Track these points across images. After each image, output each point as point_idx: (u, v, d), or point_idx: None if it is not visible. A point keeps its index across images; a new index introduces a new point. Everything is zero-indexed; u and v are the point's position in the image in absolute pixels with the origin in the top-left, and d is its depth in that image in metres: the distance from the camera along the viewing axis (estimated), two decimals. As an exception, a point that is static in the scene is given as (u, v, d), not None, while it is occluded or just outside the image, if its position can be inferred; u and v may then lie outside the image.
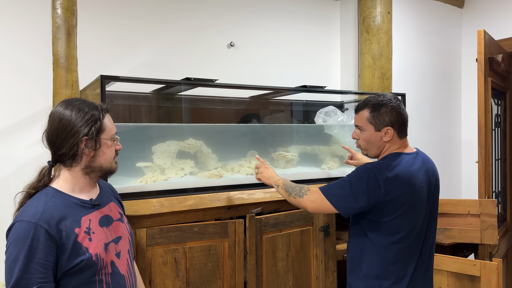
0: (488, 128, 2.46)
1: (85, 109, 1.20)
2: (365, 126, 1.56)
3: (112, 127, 1.27)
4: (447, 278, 2.04)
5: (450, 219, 2.20)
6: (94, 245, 1.17)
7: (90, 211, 1.22)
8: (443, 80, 3.37)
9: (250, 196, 1.90)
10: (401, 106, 1.55)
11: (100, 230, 1.22)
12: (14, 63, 2.00)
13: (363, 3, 2.88)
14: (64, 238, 1.12)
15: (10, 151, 1.98)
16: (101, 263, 1.18)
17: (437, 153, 3.33)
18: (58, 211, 1.14)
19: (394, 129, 1.52)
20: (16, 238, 1.09)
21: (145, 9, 2.38)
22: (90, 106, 1.22)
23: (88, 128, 1.18)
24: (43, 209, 1.13)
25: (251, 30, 2.74)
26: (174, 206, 1.70)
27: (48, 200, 1.16)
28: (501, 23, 3.18)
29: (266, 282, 1.88)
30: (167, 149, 1.97)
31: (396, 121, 1.52)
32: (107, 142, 1.24)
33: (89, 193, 1.25)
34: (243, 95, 2.61)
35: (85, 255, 1.14)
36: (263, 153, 2.28)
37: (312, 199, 1.54)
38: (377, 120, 1.53)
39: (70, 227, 1.14)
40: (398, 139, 1.55)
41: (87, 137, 1.18)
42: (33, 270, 1.07)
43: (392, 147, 1.55)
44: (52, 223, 1.11)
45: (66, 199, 1.19)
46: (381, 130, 1.53)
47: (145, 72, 2.32)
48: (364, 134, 1.57)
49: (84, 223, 1.18)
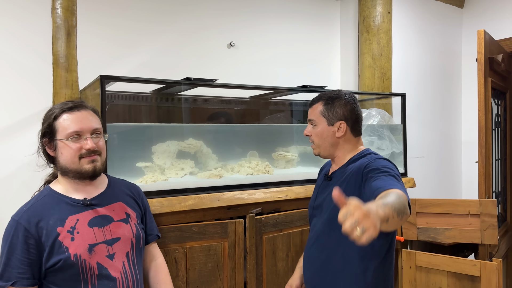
0: (488, 128, 2.46)
1: (49, 111, 1.24)
2: (318, 119, 1.48)
3: (71, 125, 1.21)
4: (447, 278, 2.04)
5: (450, 219, 2.20)
6: (75, 245, 1.17)
7: (80, 211, 1.22)
8: (443, 80, 3.37)
9: (250, 196, 1.90)
10: (356, 102, 1.48)
11: (87, 230, 1.20)
12: (14, 63, 2.00)
13: (363, 3, 2.88)
14: (44, 237, 1.15)
15: (10, 151, 1.97)
16: (82, 263, 1.17)
17: (437, 153, 3.33)
18: (44, 209, 1.18)
19: (348, 124, 1.45)
20: (4, 234, 1.17)
21: (145, 9, 2.38)
22: (56, 107, 1.24)
23: (42, 130, 1.23)
24: (28, 207, 1.18)
25: (251, 30, 2.74)
26: (174, 206, 1.70)
27: (39, 199, 1.20)
28: (501, 23, 3.18)
29: (266, 282, 1.88)
30: (167, 149, 1.97)
31: (350, 116, 1.45)
32: (63, 142, 1.21)
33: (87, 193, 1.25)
34: (243, 95, 2.61)
35: (64, 254, 1.15)
36: (263, 153, 2.28)
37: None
38: (330, 114, 1.45)
39: (52, 226, 1.16)
40: (352, 137, 1.47)
41: (45, 139, 1.23)
42: (13, 265, 1.13)
43: (346, 146, 1.47)
44: (33, 221, 1.15)
45: (57, 198, 1.21)
46: (334, 124, 1.45)
47: (145, 72, 2.32)
48: (317, 129, 1.48)
49: (69, 222, 1.18)
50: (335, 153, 1.48)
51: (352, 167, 1.40)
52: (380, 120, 2.52)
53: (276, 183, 2.05)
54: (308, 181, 2.13)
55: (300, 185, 2.07)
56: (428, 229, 2.23)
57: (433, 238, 2.22)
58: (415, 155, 3.12)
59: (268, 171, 2.12)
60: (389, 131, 2.54)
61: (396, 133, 2.58)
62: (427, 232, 2.23)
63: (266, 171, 2.11)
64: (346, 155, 1.47)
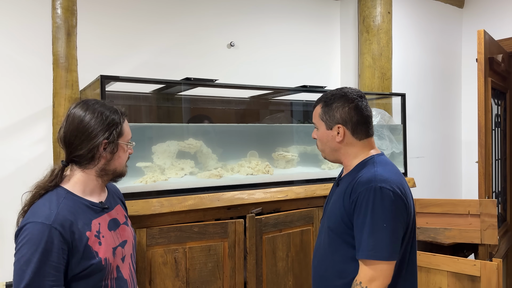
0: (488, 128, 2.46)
1: (106, 112, 1.21)
2: (318, 123, 1.37)
3: (129, 131, 1.29)
4: (447, 278, 2.04)
5: (450, 219, 2.20)
6: (103, 249, 1.17)
7: (99, 214, 1.21)
8: (443, 80, 3.37)
9: (250, 196, 1.90)
10: (358, 101, 1.32)
11: (108, 234, 1.21)
12: (14, 63, 2.00)
13: (363, 3, 2.88)
14: (77, 241, 1.12)
15: (10, 151, 1.97)
16: (108, 267, 1.17)
17: (437, 153, 3.33)
18: (70, 213, 1.13)
19: (347, 127, 1.31)
20: (30, 240, 1.07)
21: (145, 9, 2.38)
22: (111, 110, 1.23)
23: (109, 132, 1.20)
24: (57, 210, 1.11)
25: (251, 30, 2.74)
26: (174, 206, 1.70)
27: (61, 202, 1.14)
28: (501, 23, 3.18)
29: (266, 282, 1.88)
30: (167, 149, 1.97)
31: (349, 119, 1.31)
32: (124, 146, 1.26)
33: (99, 195, 1.25)
34: (243, 95, 2.61)
35: (95, 259, 1.14)
36: (263, 153, 2.28)
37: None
38: (327, 117, 1.33)
39: (82, 230, 1.14)
40: (355, 141, 1.33)
41: (107, 141, 1.19)
42: (46, 273, 1.06)
43: (350, 151, 1.34)
44: (66, 225, 1.10)
45: (77, 201, 1.18)
46: (332, 128, 1.33)
47: (145, 72, 2.32)
48: (319, 133, 1.38)
49: (94, 226, 1.17)
50: (339, 158, 1.37)
51: (356, 178, 1.28)
52: (380, 120, 2.52)
53: (276, 183, 2.05)
54: (308, 181, 2.13)
55: (300, 185, 2.07)
56: (428, 229, 2.23)
57: (433, 238, 2.22)
58: (415, 155, 3.12)
59: (268, 171, 2.12)
60: (389, 131, 2.54)
61: (396, 133, 2.58)
62: (427, 232, 2.23)
63: (266, 171, 2.11)
64: (352, 161, 1.34)
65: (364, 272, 1.20)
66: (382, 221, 1.18)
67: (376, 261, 1.18)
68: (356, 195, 1.23)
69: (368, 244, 1.18)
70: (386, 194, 1.20)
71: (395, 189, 1.21)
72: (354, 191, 1.24)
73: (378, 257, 1.18)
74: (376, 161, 1.30)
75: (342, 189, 1.32)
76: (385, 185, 1.20)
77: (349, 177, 1.33)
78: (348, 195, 1.27)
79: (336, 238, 1.30)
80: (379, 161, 1.30)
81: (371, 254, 1.18)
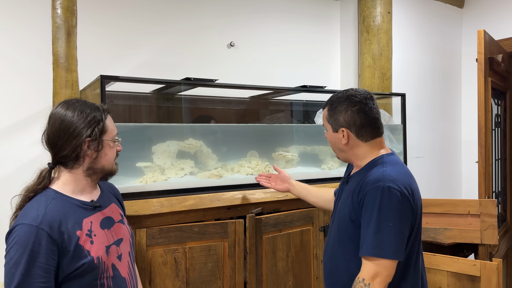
0: (488, 128, 2.46)
1: (87, 110, 1.20)
2: (326, 125, 1.41)
3: (114, 128, 1.27)
4: (447, 278, 2.04)
5: (450, 219, 2.20)
6: (95, 248, 1.16)
7: (91, 213, 1.21)
8: (443, 80, 3.37)
9: (250, 196, 1.90)
10: (363, 104, 1.32)
11: (101, 233, 1.21)
12: (13, 63, 2.00)
13: (363, 3, 2.88)
14: (66, 241, 1.11)
15: (10, 152, 1.98)
16: (102, 266, 1.16)
17: (437, 153, 3.33)
18: (59, 213, 1.13)
19: (351, 130, 1.33)
20: (17, 242, 1.07)
21: (145, 9, 2.38)
22: (92, 107, 1.22)
23: (91, 130, 1.18)
24: (44, 211, 1.11)
25: (251, 30, 2.74)
26: (174, 206, 1.70)
27: (49, 203, 1.14)
28: (501, 23, 3.18)
29: (266, 282, 1.88)
30: (167, 149, 1.97)
31: (353, 122, 1.32)
32: (109, 143, 1.24)
33: (90, 194, 1.25)
34: (243, 95, 2.61)
35: (86, 258, 1.13)
36: (263, 153, 2.28)
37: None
38: (332, 120, 1.36)
39: (71, 230, 1.13)
40: (361, 142, 1.34)
41: (90, 139, 1.18)
42: (35, 274, 1.05)
43: (358, 152, 1.35)
44: (54, 226, 1.10)
45: (66, 201, 1.17)
46: (338, 131, 1.35)
47: (145, 72, 2.32)
48: (327, 135, 1.42)
49: (85, 225, 1.17)
50: (349, 158, 1.40)
51: (365, 177, 1.29)
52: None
53: (276, 183, 2.04)
54: (308, 181, 2.13)
55: (300, 185, 2.06)
56: (428, 229, 2.23)
57: (433, 238, 2.22)
58: (415, 155, 3.13)
59: (268, 171, 2.12)
60: (389, 131, 2.54)
61: (396, 133, 2.58)
62: (427, 232, 2.23)
63: (266, 171, 2.11)
64: (361, 161, 1.36)
65: (367, 269, 1.20)
66: (388, 220, 1.19)
67: (380, 259, 1.19)
68: (364, 193, 1.25)
69: (372, 242, 1.19)
70: (393, 194, 1.20)
71: (402, 189, 1.22)
72: (362, 190, 1.26)
73: (382, 255, 1.18)
74: (386, 160, 1.31)
75: (352, 188, 1.33)
76: (393, 185, 1.21)
77: (358, 176, 1.34)
78: (357, 194, 1.28)
79: (345, 236, 1.32)
80: (388, 161, 1.31)
81: (375, 252, 1.19)
